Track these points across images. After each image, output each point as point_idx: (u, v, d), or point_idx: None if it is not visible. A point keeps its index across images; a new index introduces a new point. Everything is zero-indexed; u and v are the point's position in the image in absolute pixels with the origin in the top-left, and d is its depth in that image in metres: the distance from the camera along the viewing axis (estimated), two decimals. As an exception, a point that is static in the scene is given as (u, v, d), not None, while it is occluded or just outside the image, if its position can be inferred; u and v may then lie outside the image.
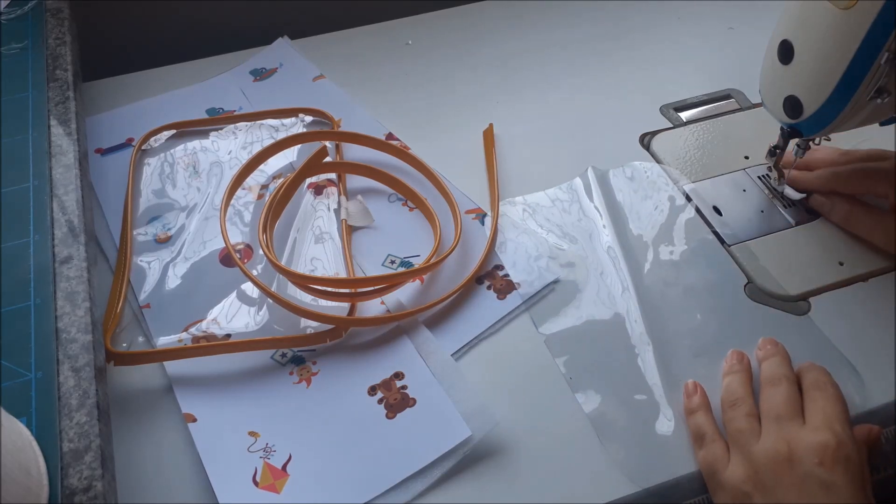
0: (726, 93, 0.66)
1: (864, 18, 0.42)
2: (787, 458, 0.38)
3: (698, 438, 0.42)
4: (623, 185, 0.58)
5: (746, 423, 0.41)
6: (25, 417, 0.38)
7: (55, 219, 0.48)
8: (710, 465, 0.41)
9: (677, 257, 0.53)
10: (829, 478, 0.37)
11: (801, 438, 0.39)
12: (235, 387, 0.46)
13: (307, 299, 0.50)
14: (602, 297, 0.50)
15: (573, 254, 0.53)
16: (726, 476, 0.40)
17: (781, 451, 0.38)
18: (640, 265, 0.52)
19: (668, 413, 0.44)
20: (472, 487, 0.42)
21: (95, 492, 0.36)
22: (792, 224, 0.55)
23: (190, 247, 0.53)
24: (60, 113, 0.55)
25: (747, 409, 0.42)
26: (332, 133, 0.60)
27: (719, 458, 0.41)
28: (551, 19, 0.74)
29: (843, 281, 0.51)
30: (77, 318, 0.43)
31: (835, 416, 0.40)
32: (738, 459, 0.40)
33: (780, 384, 0.42)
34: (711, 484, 0.41)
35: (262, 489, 0.41)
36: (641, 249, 0.53)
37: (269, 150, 0.57)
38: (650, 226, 0.55)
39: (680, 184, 0.58)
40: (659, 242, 0.54)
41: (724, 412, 0.43)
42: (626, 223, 0.55)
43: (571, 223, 0.55)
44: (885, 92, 0.44)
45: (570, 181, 0.58)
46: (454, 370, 0.46)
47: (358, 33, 0.73)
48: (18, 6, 0.63)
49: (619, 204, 0.56)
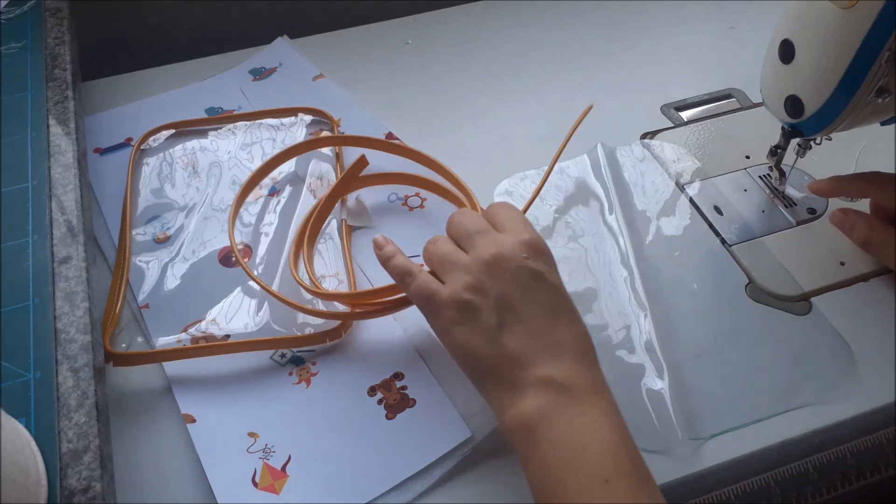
0: (727, 92, 0.65)
1: (865, 18, 0.41)
2: (498, 259, 0.40)
3: (405, 275, 0.43)
4: (631, 163, 0.59)
5: (450, 247, 0.43)
6: (24, 418, 0.38)
7: (54, 219, 0.47)
8: (426, 290, 0.41)
9: (680, 232, 0.54)
10: (536, 267, 0.40)
11: (505, 241, 0.41)
12: (235, 387, 0.46)
13: (307, 297, 0.50)
14: (602, 268, 0.52)
15: (578, 226, 0.55)
16: (444, 293, 0.40)
17: (492, 254, 0.40)
18: (643, 239, 0.54)
19: (656, 364, 0.46)
20: (472, 488, 0.42)
21: (94, 492, 0.36)
22: (793, 224, 0.55)
23: (189, 247, 0.53)
24: (59, 112, 0.55)
25: (446, 239, 0.43)
26: (364, 139, 0.59)
27: (432, 282, 0.41)
28: (551, 19, 0.74)
29: (845, 281, 0.51)
30: (76, 319, 0.42)
31: (522, 221, 0.43)
32: (453, 276, 0.41)
33: (464, 213, 0.45)
34: (430, 310, 0.41)
35: (262, 490, 0.41)
36: (644, 223, 0.55)
37: (288, 153, 0.57)
38: (655, 202, 0.56)
39: (680, 183, 0.58)
40: (661, 216, 0.55)
41: (424, 252, 0.44)
42: (631, 199, 0.56)
43: (577, 196, 0.57)
44: (885, 91, 0.44)
45: (578, 157, 0.60)
46: (454, 370, 0.46)
47: (358, 33, 0.73)
48: (17, 5, 0.63)
49: (625, 181, 0.58)
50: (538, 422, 0.36)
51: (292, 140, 0.61)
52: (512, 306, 0.39)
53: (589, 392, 0.37)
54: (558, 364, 0.38)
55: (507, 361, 0.38)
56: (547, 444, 0.36)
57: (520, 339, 0.38)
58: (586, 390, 0.37)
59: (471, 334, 0.39)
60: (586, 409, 0.37)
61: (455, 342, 0.40)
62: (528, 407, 0.37)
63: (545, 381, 0.37)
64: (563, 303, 0.40)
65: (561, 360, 0.38)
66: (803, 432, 0.44)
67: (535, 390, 0.37)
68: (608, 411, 0.37)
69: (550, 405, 0.37)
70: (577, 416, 0.36)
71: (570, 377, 0.37)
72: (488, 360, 0.39)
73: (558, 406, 0.37)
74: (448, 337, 0.40)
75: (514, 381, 0.38)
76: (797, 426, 0.44)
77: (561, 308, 0.40)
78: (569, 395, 0.37)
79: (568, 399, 0.37)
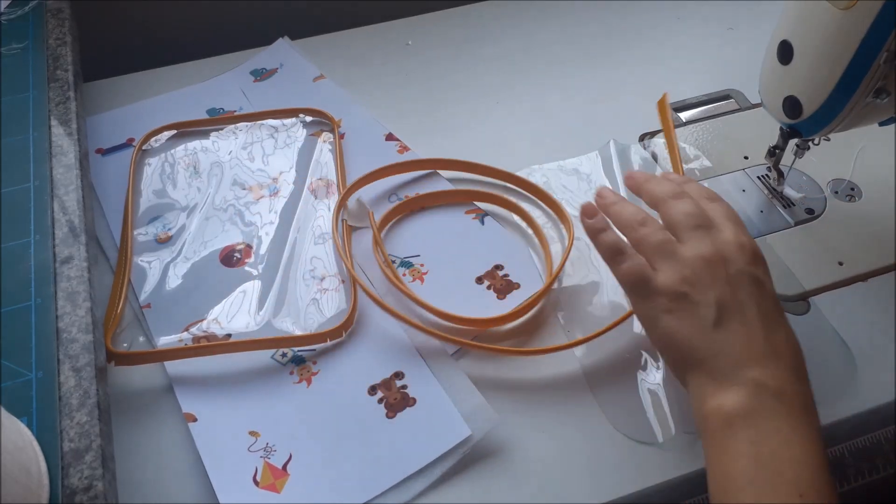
0: (726, 93, 0.66)
1: (864, 18, 0.42)
2: (719, 259, 0.39)
3: (617, 254, 0.42)
4: (643, 160, 0.60)
5: (664, 234, 0.41)
6: (26, 417, 0.38)
7: (56, 219, 0.48)
8: (638, 275, 0.40)
9: None
10: (758, 274, 0.39)
11: (727, 241, 0.40)
12: (236, 387, 0.46)
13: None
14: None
15: None
16: (659, 281, 0.39)
17: (712, 252, 0.39)
18: None
19: (653, 358, 0.46)
20: (472, 487, 0.42)
21: (96, 491, 0.36)
22: (791, 224, 0.55)
23: (190, 247, 0.53)
24: (61, 113, 0.55)
25: (658, 225, 0.42)
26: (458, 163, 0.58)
27: (646, 267, 0.40)
28: (551, 19, 0.74)
29: (843, 281, 0.51)
30: (78, 318, 0.43)
31: (736, 219, 0.42)
32: (668, 265, 0.40)
33: (681, 197, 0.42)
34: (640, 294, 0.40)
35: (263, 489, 0.41)
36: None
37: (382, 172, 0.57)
38: None
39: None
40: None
41: (634, 232, 0.42)
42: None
43: (586, 191, 0.57)
44: (884, 92, 0.44)
45: (589, 153, 0.60)
46: (454, 370, 0.46)
47: (358, 33, 0.73)
48: (19, 6, 0.63)
49: None
50: (742, 420, 0.36)
51: (293, 140, 0.61)
52: (730, 306, 0.38)
53: (802, 408, 0.36)
54: (775, 372, 0.37)
55: (720, 355, 0.37)
56: (748, 444, 0.35)
57: (736, 338, 0.37)
58: (800, 406, 0.36)
59: (683, 325, 0.38)
60: (797, 424, 0.36)
61: (665, 330, 0.39)
62: (733, 402, 0.36)
63: (759, 384, 0.36)
64: (780, 313, 0.39)
65: (777, 368, 0.37)
66: (802, 431, 0.44)
67: (745, 389, 0.36)
68: (817, 434, 0.36)
69: (760, 409, 0.36)
70: (786, 426, 0.35)
71: (785, 388, 0.36)
72: (700, 352, 0.38)
73: (770, 412, 0.36)
74: (656, 324, 0.39)
75: (724, 375, 0.37)
76: (796, 425, 0.44)
77: (779, 318, 0.39)
78: (782, 404, 0.36)
79: (781, 408, 0.36)
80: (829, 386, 0.46)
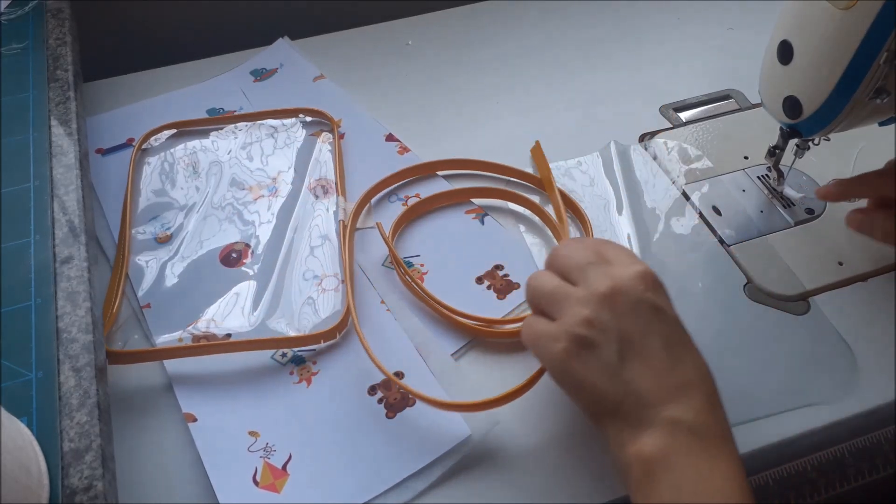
0: (726, 93, 0.66)
1: (864, 18, 0.42)
2: (616, 292, 0.38)
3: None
4: (643, 161, 0.60)
5: (556, 280, 0.40)
6: (26, 417, 0.38)
7: (56, 219, 0.48)
8: (534, 329, 0.39)
9: (679, 232, 0.55)
10: (657, 301, 0.38)
11: (621, 273, 0.39)
12: (235, 386, 0.46)
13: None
14: None
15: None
16: (559, 329, 0.38)
17: (608, 287, 0.38)
18: (650, 238, 0.54)
19: None
20: (472, 487, 0.42)
21: (96, 491, 0.36)
22: (791, 224, 0.55)
23: (188, 246, 0.53)
24: (61, 113, 0.55)
25: (546, 273, 0.41)
26: (484, 164, 0.59)
27: (539, 321, 0.39)
28: (551, 20, 0.74)
29: (843, 281, 0.51)
30: (78, 318, 0.43)
31: (630, 253, 0.41)
32: (566, 310, 0.38)
33: (569, 244, 0.42)
34: (541, 348, 0.39)
35: (263, 489, 0.41)
36: (653, 222, 0.55)
37: (405, 173, 0.58)
38: (664, 199, 0.57)
39: (679, 184, 0.58)
40: (671, 216, 0.56)
41: (528, 290, 0.41)
42: (641, 197, 0.57)
43: (587, 192, 0.57)
44: (884, 92, 0.44)
45: (589, 154, 0.60)
46: (454, 370, 0.46)
47: (358, 33, 0.73)
48: (19, 6, 0.63)
49: (636, 178, 0.58)
50: (661, 463, 0.35)
51: (292, 140, 0.61)
52: (633, 341, 0.37)
53: (719, 439, 0.36)
54: (688, 406, 0.36)
55: (630, 398, 0.37)
56: (669, 489, 0.35)
57: (644, 376, 0.37)
58: (716, 437, 0.36)
59: (590, 370, 0.37)
60: (715, 457, 0.35)
61: (573, 378, 0.38)
62: (651, 446, 0.35)
63: (674, 421, 0.36)
64: (684, 338, 0.39)
65: (690, 399, 0.36)
66: (801, 431, 0.44)
67: (661, 430, 0.36)
68: (736, 462, 0.36)
69: (678, 448, 0.35)
70: (705, 462, 0.35)
71: (699, 419, 0.36)
72: (610, 396, 0.37)
73: (687, 450, 0.35)
74: (564, 374, 0.38)
75: (638, 419, 0.36)
76: (795, 425, 0.44)
77: (683, 343, 0.38)
78: (698, 439, 0.35)
79: (697, 444, 0.35)
80: (829, 386, 0.46)
